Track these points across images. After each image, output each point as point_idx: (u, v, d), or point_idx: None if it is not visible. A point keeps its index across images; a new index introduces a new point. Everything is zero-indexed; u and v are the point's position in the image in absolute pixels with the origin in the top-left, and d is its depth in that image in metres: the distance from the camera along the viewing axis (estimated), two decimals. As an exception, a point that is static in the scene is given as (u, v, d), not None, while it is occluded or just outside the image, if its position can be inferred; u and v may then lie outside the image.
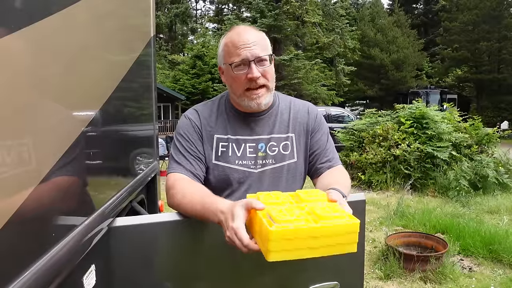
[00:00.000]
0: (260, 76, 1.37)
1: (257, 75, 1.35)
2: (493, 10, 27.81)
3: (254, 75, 1.35)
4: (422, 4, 47.42)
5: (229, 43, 1.39)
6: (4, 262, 0.70)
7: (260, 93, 1.40)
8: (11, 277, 0.71)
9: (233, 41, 1.37)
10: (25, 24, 0.76)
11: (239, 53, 1.35)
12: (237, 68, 1.36)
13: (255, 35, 1.40)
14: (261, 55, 1.37)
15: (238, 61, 1.36)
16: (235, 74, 1.37)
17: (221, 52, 1.44)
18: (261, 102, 1.41)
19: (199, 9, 58.01)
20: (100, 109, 1.24)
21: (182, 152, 1.42)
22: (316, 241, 0.97)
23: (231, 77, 1.40)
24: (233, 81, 1.40)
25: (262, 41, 1.41)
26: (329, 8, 24.20)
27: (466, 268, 3.96)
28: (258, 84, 1.38)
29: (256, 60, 1.36)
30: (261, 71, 1.37)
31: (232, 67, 1.37)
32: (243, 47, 1.35)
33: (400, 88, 31.76)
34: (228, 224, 1.06)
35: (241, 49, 1.35)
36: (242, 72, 1.36)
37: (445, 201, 6.60)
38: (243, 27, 1.44)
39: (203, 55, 31.69)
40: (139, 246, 1.24)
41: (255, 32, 1.42)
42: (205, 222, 1.20)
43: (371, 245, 4.57)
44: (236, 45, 1.36)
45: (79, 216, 1.04)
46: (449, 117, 8.37)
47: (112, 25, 1.46)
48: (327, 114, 13.95)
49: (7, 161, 0.71)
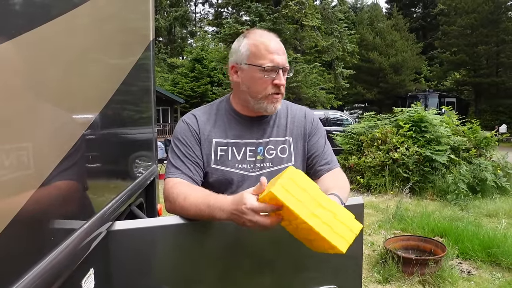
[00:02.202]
0: (284, 84, 1.43)
1: (284, 83, 1.42)
2: (491, 14, 27.90)
3: (281, 82, 1.41)
4: (421, 8, 47.54)
5: (260, 45, 1.40)
6: (3, 265, 0.70)
7: (279, 98, 1.45)
8: (10, 280, 0.71)
9: (266, 45, 1.40)
10: (27, 29, 0.76)
11: (272, 59, 1.39)
12: (267, 72, 1.39)
13: (282, 45, 1.45)
14: (287, 65, 1.43)
15: (270, 65, 1.38)
16: (263, 77, 1.39)
17: (245, 52, 1.42)
18: (277, 107, 1.46)
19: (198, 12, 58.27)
20: (100, 112, 1.24)
21: (179, 156, 1.42)
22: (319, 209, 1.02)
23: (254, 78, 1.41)
24: (256, 83, 1.41)
25: (285, 52, 1.46)
26: (327, 12, 24.25)
27: (464, 271, 3.96)
28: (280, 91, 1.43)
29: (284, 68, 1.42)
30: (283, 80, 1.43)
31: (263, 70, 1.39)
32: (276, 53, 1.40)
33: (399, 92, 31.82)
34: (242, 209, 1.09)
35: (274, 54, 1.39)
36: (270, 77, 1.40)
37: (443, 205, 6.60)
38: (271, 33, 1.47)
39: (202, 58, 31.73)
40: (138, 250, 1.24)
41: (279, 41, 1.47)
42: (211, 220, 1.22)
43: (369, 249, 4.57)
44: (270, 50, 1.39)
45: (78, 220, 1.04)
46: (448, 121, 8.38)
47: (112, 29, 1.47)
48: (326, 117, 13.94)
49: (8, 164, 0.71)
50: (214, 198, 1.22)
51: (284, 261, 1.35)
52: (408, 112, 8.28)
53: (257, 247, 1.31)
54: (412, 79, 34.71)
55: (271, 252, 1.33)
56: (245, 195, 1.10)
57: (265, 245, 1.31)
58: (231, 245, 1.30)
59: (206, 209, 1.20)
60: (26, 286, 0.73)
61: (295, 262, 1.36)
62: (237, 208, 1.10)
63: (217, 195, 1.23)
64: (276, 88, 1.41)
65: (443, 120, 8.24)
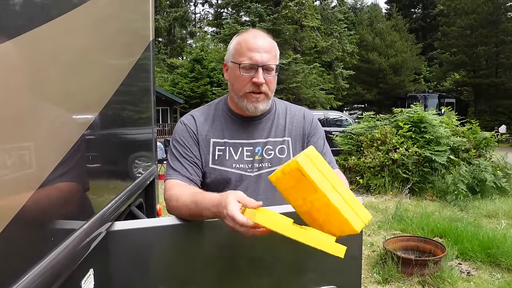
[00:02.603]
0: (263, 83, 1.39)
1: (262, 81, 1.38)
2: (491, 15, 27.92)
3: (259, 80, 1.38)
4: (420, 8, 47.56)
5: (243, 43, 1.40)
6: (3, 265, 0.70)
7: (259, 98, 1.42)
8: (10, 280, 0.71)
9: (247, 43, 1.39)
10: (27, 29, 0.77)
11: (251, 56, 1.37)
12: (244, 70, 1.38)
13: (269, 43, 1.42)
14: (270, 63, 1.39)
15: (247, 63, 1.37)
16: (241, 75, 1.39)
17: (232, 50, 1.44)
18: (258, 107, 1.43)
19: (198, 13, 58.25)
20: (99, 113, 1.24)
21: (178, 158, 1.44)
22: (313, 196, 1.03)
23: (236, 76, 1.42)
24: (237, 80, 1.42)
25: (274, 50, 1.43)
26: (327, 13, 24.25)
27: (464, 272, 3.96)
28: (259, 90, 1.40)
29: (264, 67, 1.38)
30: (265, 79, 1.39)
31: (240, 67, 1.38)
32: (256, 51, 1.37)
33: (398, 92, 31.83)
34: (223, 213, 1.09)
35: (253, 52, 1.37)
36: (248, 74, 1.38)
37: (443, 205, 6.60)
38: (260, 32, 1.46)
39: (201, 58, 31.70)
40: (137, 250, 1.24)
41: (269, 39, 1.44)
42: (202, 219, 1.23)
43: (369, 249, 4.57)
44: (250, 47, 1.38)
45: (78, 220, 1.04)
46: (447, 121, 8.39)
47: (112, 29, 1.47)
48: (326, 118, 13.94)
49: (8, 165, 0.71)
50: (202, 197, 1.22)
51: (282, 261, 1.35)
52: (408, 113, 8.28)
53: (256, 247, 1.31)
54: (411, 80, 34.72)
55: (270, 253, 1.33)
56: (228, 200, 1.08)
57: (264, 245, 1.31)
58: (231, 246, 1.30)
59: (195, 208, 1.22)
60: (26, 286, 0.73)
61: (294, 262, 1.36)
62: (219, 210, 1.11)
63: (205, 194, 1.24)
64: (255, 86, 1.39)
65: (442, 120, 8.24)
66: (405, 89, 32.61)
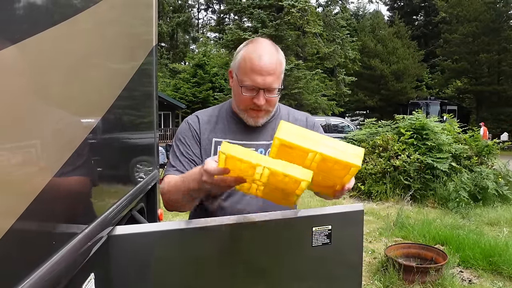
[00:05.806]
0: (264, 104, 1.40)
1: (262, 103, 1.39)
2: (493, 23, 27.98)
3: (259, 103, 1.38)
4: (422, 15, 47.70)
5: (248, 62, 1.37)
6: (4, 269, 0.70)
7: (260, 114, 1.45)
8: (11, 285, 0.71)
9: (252, 62, 1.36)
10: (31, 34, 0.77)
11: (253, 78, 1.35)
12: (245, 89, 1.38)
13: (275, 61, 1.39)
14: (272, 86, 1.38)
15: (249, 85, 1.37)
16: (242, 94, 1.39)
17: (237, 62, 1.42)
18: (259, 121, 1.47)
19: (201, 18, 58.33)
20: (102, 117, 1.25)
21: (178, 155, 1.48)
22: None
23: (238, 92, 1.42)
24: (238, 97, 1.43)
25: (278, 69, 1.40)
26: (330, 19, 24.37)
27: (465, 280, 3.94)
28: (260, 109, 1.42)
29: (267, 89, 1.38)
30: (266, 99, 1.39)
31: (241, 88, 1.38)
32: (259, 73, 1.35)
33: (400, 99, 31.85)
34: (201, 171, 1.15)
35: (256, 75, 1.35)
36: (250, 95, 1.38)
37: (445, 213, 6.58)
38: (267, 47, 1.41)
39: (204, 64, 31.84)
40: (138, 255, 1.24)
41: (276, 56, 1.41)
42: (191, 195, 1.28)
43: (370, 256, 4.55)
44: (253, 68, 1.35)
45: (79, 224, 1.04)
46: (449, 128, 8.37)
47: (115, 34, 1.48)
48: (327, 124, 13.97)
49: (10, 169, 0.71)
50: (188, 173, 1.30)
51: (282, 268, 1.34)
52: (410, 120, 8.27)
53: (256, 253, 1.31)
54: (413, 87, 34.75)
55: (271, 259, 1.33)
56: (206, 161, 1.14)
57: (264, 251, 1.31)
58: (232, 251, 1.30)
59: (182, 184, 1.28)
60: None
61: (294, 269, 1.35)
62: (200, 171, 1.17)
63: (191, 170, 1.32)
64: (256, 105, 1.40)
65: (444, 127, 8.23)
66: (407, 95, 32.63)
